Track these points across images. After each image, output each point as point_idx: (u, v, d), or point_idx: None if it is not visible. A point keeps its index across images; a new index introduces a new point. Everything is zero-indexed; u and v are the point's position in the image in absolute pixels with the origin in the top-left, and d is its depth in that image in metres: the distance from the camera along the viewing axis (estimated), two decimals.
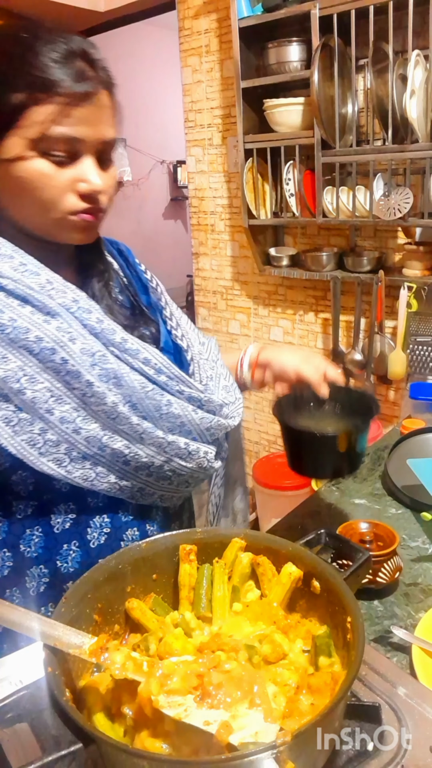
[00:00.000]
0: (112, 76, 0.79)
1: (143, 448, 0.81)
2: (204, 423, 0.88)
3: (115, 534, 0.86)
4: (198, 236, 3.00)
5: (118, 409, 0.78)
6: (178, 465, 0.86)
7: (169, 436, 0.83)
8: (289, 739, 0.44)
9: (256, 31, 2.24)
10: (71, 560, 0.83)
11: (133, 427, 0.80)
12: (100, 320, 0.78)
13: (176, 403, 0.84)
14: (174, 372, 0.85)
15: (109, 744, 0.45)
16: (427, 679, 0.73)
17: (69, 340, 0.75)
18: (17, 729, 0.51)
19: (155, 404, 0.82)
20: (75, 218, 0.77)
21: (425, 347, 2.02)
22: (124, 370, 0.79)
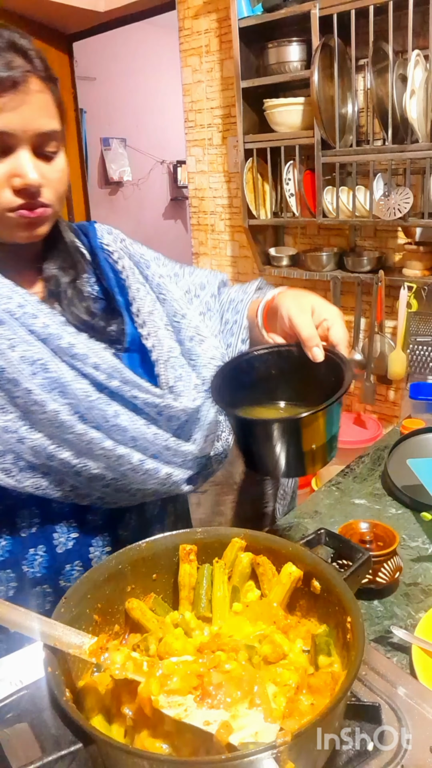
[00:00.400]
0: (47, 66, 0.75)
1: (91, 460, 0.76)
2: (158, 440, 0.80)
3: (82, 539, 0.83)
4: (198, 236, 3.00)
5: (60, 417, 0.73)
6: (133, 481, 0.79)
7: (119, 448, 0.76)
8: (289, 739, 0.44)
9: (256, 31, 2.24)
10: (38, 565, 0.81)
11: (78, 437, 0.74)
12: (45, 325, 0.74)
13: (124, 415, 0.77)
14: (127, 376, 0.78)
15: (109, 744, 0.45)
16: (427, 679, 0.73)
17: (9, 347, 0.72)
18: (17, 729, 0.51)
19: (102, 414, 0.76)
20: (13, 215, 0.73)
21: (425, 347, 2.02)
22: (69, 377, 0.74)
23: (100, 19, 3.23)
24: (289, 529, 1.14)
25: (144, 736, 0.50)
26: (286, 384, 0.82)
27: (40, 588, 0.82)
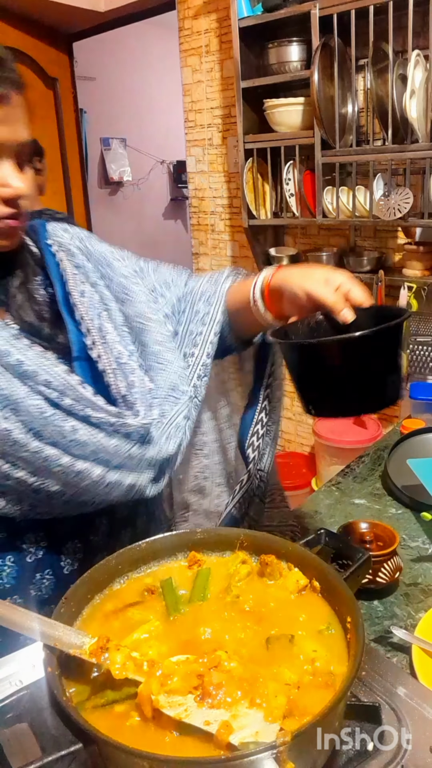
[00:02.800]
0: (21, 76, 0.75)
1: (48, 478, 0.72)
2: (120, 451, 0.76)
3: (51, 548, 0.80)
4: (198, 236, 3.00)
5: (12, 436, 0.70)
6: (96, 495, 0.76)
7: (77, 464, 0.73)
8: (289, 739, 0.44)
9: (256, 31, 2.24)
10: (6, 576, 0.78)
11: (33, 454, 0.71)
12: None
13: (82, 429, 0.73)
14: (80, 393, 0.74)
15: (109, 744, 0.45)
16: (427, 679, 0.73)
17: None
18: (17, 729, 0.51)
19: (58, 431, 0.72)
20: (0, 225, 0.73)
21: (425, 347, 2.02)
22: (21, 394, 0.71)
23: (100, 19, 3.23)
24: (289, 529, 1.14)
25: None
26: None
27: (10, 600, 0.79)
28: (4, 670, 0.63)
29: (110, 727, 0.50)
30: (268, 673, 0.56)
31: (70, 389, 0.74)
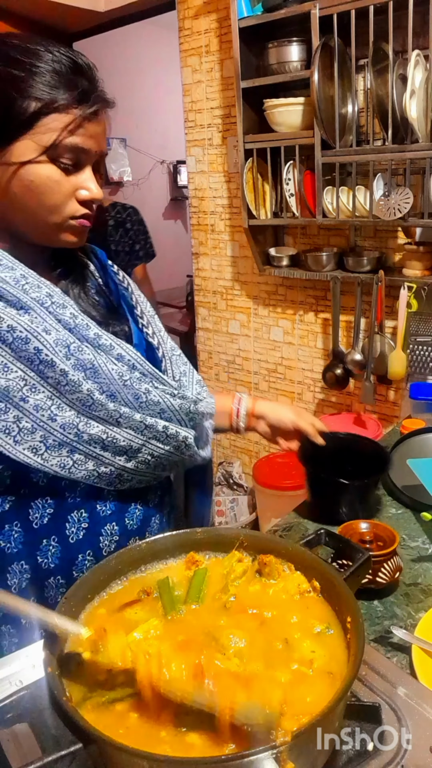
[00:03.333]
0: (103, 90, 0.84)
1: (120, 431, 0.82)
2: (183, 408, 0.89)
3: (93, 529, 0.86)
4: (198, 236, 3.00)
5: (94, 396, 0.79)
6: (155, 447, 0.87)
7: (147, 419, 0.85)
8: (289, 739, 0.44)
9: (256, 31, 2.24)
10: (51, 556, 0.83)
11: (109, 413, 0.81)
12: (74, 315, 0.81)
13: (154, 391, 0.86)
14: (148, 368, 0.87)
15: (109, 744, 0.45)
16: (427, 679, 0.73)
17: (43, 330, 0.76)
18: (17, 729, 0.51)
19: (134, 393, 0.83)
20: (74, 223, 0.82)
21: (425, 347, 2.02)
22: (101, 361, 0.81)
23: (100, 19, 3.22)
24: (289, 530, 1.14)
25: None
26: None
27: (54, 579, 0.84)
28: (4, 670, 0.63)
29: (110, 725, 0.50)
30: (265, 673, 0.56)
31: (140, 364, 0.86)
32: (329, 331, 2.55)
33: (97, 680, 0.55)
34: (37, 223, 0.80)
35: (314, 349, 2.71)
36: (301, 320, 2.72)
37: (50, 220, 0.80)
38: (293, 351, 2.80)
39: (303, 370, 2.79)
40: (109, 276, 0.99)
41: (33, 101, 0.74)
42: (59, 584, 0.84)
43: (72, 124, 0.76)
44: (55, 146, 0.76)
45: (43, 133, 0.75)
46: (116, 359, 0.83)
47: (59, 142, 0.76)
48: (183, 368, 0.97)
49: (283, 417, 1.17)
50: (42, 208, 0.79)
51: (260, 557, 0.68)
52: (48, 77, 0.75)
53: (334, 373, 2.51)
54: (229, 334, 3.04)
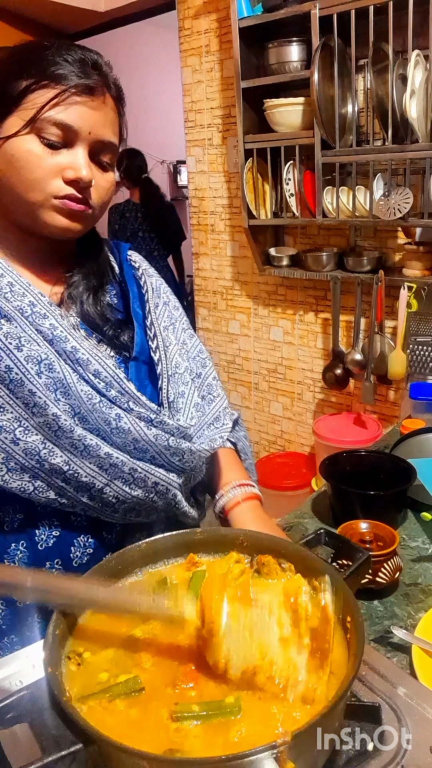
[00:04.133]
0: (121, 92, 0.84)
1: (84, 465, 0.77)
2: (159, 441, 0.82)
3: (65, 538, 0.83)
4: (198, 236, 3.00)
5: (59, 421, 0.75)
6: (119, 489, 0.80)
7: (114, 455, 0.79)
8: (289, 739, 0.44)
9: (256, 31, 2.24)
10: (18, 561, 0.81)
11: (73, 442, 0.76)
12: (53, 326, 0.78)
13: (126, 418, 0.80)
14: (125, 387, 0.81)
15: (109, 744, 0.45)
16: (427, 679, 0.73)
17: (15, 347, 0.74)
18: (17, 729, 0.51)
19: (103, 417, 0.78)
20: (57, 202, 0.78)
21: (425, 347, 2.02)
22: (72, 379, 0.78)
23: (100, 19, 3.23)
24: (289, 529, 1.14)
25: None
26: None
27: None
28: (4, 670, 0.63)
29: (110, 722, 0.50)
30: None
31: (117, 381, 0.81)
32: (329, 331, 2.55)
33: (98, 677, 0.56)
34: (20, 201, 0.78)
35: (314, 349, 2.71)
36: (301, 320, 2.72)
37: (30, 197, 0.77)
38: (293, 351, 2.80)
39: (303, 370, 2.79)
40: (127, 276, 0.95)
41: (24, 80, 0.75)
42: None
43: (56, 98, 0.74)
44: (38, 120, 0.74)
45: (29, 109, 0.74)
46: (93, 375, 0.79)
47: (41, 115, 0.74)
48: (182, 388, 0.91)
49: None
50: (22, 183, 0.76)
51: (258, 557, 0.68)
52: (43, 60, 0.75)
53: (334, 373, 2.51)
54: (229, 334, 3.04)
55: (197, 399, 0.93)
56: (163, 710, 0.52)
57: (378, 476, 1.16)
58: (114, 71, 0.83)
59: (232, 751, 0.46)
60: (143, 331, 0.92)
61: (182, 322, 1.02)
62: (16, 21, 3.20)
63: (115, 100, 0.82)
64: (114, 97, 0.82)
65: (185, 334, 1.01)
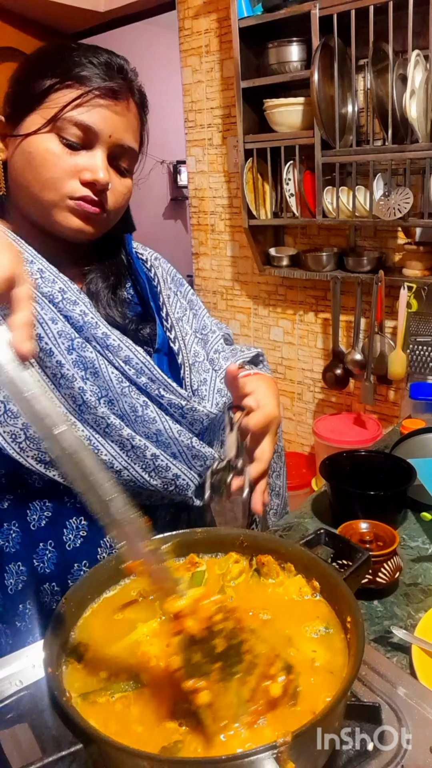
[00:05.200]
0: (144, 99, 0.83)
1: (105, 444, 0.78)
2: (182, 438, 0.82)
3: (91, 538, 0.82)
4: (198, 236, 3.00)
5: (85, 396, 0.75)
6: (138, 475, 0.80)
7: (136, 438, 0.78)
8: (290, 739, 0.44)
9: (256, 31, 2.24)
10: (47, 561, 0.81)
11: (98, 419, 0.76)
12: (84, 313, 0.78)
13: (152, 406, 0.80)
14: (156, 374, 0.82)
15: (109, 744, 0.45)
16: (427, 679, 0.73)
17: (50, 320, 0.75)
18: (17, 729, 0.51)
19: (131, 404, 0.79)
20: (72, 203, 0.77)
21: (425, 347, 2.02)
22: (103, 363, 0.78)
23: (100, 19, 3.22)
24: (289, 529, 1.14)
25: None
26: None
27: (48, 585, 0.82)
28: (4, 671, 0.63)
29: (110, 721, 0.50)
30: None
31: (149, 368, 0.81)
32: (329, 331, 2.55)
33: (99, 676, 0.56)
34: (35, 200, 0.77)
35: (314, 349, 2.71)
36: (301, 320, 2.72)
37: (45, 196, 0.76)
38: (293, 351, 2.80)
39: (303, 370, 2.79)
40: (138, 269, 0.95)
41: (48, 79, 0.75)
42: (54, 591, 0.82)
43: (79, 99, 0.74)
44: (59, 119, 0.74)
45: (51, 108, 0.74)
46: (123, 362, 0.80)
47: (63, 114, 0.74)
48: (204, 376, 0.91)
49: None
50: (38, 182, 0.76)
51: (258, 557, 0.68)
52: (69, 61, 0.75)
53: (334, 373, 2.51)
54: None
55: (219, 384, 0.92)
56: (163, 709, 0.52)
57: (378, 476, 1.16)
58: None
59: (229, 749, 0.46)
60: (161, 323, 0.92)
61: (195, 307, 1.01)
62: (16, 21, 3.20)
63: (138, 106, 0.82)
64: (137, 104, 0.82)
65: (206, 318, 1.01)
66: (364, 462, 1.21)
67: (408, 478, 1.11)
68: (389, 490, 1.10)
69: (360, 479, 1.15)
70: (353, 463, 1.21)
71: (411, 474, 1.12)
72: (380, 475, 1.17)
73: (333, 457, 1.21)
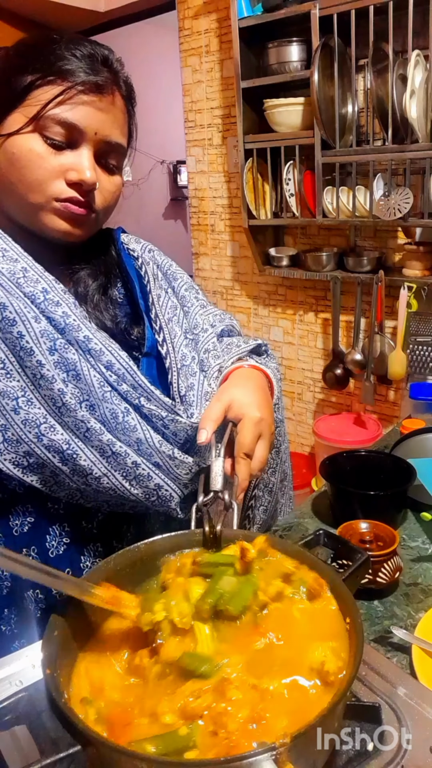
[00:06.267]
0: (132, 91, 0.81)
1: (85, 449, 0.74)
2: (164, 448, 0.78)
3: (75, 546, 0.80)
4: (198, 236, 3.00)
5: (64, 398, 0.72)
6: (118, 483, 0.76)
7: (116, 444, 0.75)
8: (288, 740, 0.44)
9: (256, 31, 2.24)
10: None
11: (76, 422, 0.73)
12: (66, 314, 0.75)
13: (133, 414, 0.77)
14: (138, 381, 0.78)
15: (107, 746, 0.44)
16: (427, 679, 0.73)
17: (33, 318, 0.72)
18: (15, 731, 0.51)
19: (112, 410, 0.75)
20: (58, 205, 0.74)
21: (425, 347, 2.02)
22: (85, 366, 0.75)
23: (100, 19, 3.22)
24: (289, 529, 1.14)
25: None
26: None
27: (32, 592, 0.80)
28: (4, 671, 0.63)
29: (105, 682, 0.51)
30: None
31: (130, 374, 0.77)
32: (329, 331, 2.55)
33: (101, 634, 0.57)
34: (21, 202, 0.74)
35: (314, 349, 2.71)
36: (301, 320, 2.72)
37: (31, 198, 0.73)
38: (293, 351, 2.79)
39: (303, 370, 2.79)
40: (127, 267, 0.91)
41: (30, 75, 0.72)
42: (38, 598, 0.80)
43: (62, 96, 0.71)
44: (41, 117, 0.71)
45: (33, 105, 0.71)
46: (105, 367, 0.76)
47: (45, 113, 0.70)
48: (191, 380, 0.86)
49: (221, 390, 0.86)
50: (22, 183, 0.73)
51: None
52: (51, 54, 0.72)
53: (334, 373, 2.51)
54: None
55: (207, 387, 0.87)
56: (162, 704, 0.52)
57: (378, 476, 1.16)
58: (125, 68, 0.80)
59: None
60: (150, 325, 0.88)
61: (187, 304, 0.96)
62: (16, 21, 3.20)
63: (124, 99, 0.79)
64: (124, 96, 0.79)
65: (198, 316, 0.95)
66: (364, 462, 1.21)
67: (408, 478, 1.11)
68: (389, 490, 1.10)
69: (360, 479, 1.14)
70: (353, 463, 1.20)
71: (411, 474, 1.12)
72: (380, 475, 1.16)
73: (333, 457, 1.20)
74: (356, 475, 1.17)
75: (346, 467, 1.19)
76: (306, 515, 1.20)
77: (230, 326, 1.01)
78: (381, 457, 1.23)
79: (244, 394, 0.81)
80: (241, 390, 0.82)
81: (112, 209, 0.83)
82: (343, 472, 1.16)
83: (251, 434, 0.76)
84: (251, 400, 0.80)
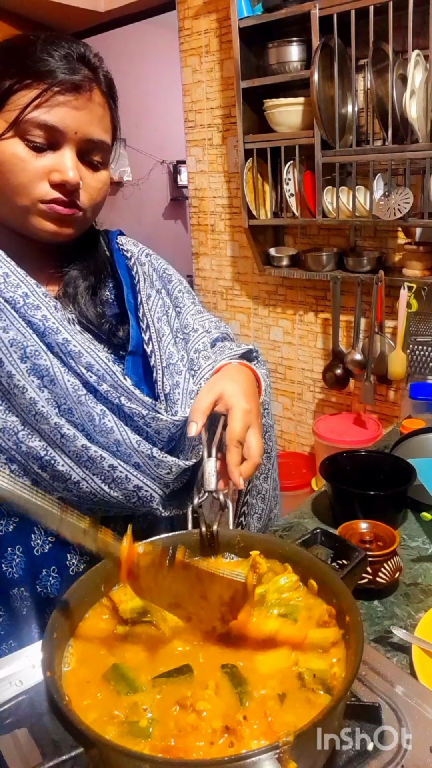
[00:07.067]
0: (112, 86, 0.80)
1: (61, 455, 0.75)
2: (142, 448, 0.79)
3: (60, 544, 0.81)
4: (198, 236, 3.00)
5: (36, 407, 0.73)
6: (97, 487, 0.78)
7: (92, 449, 0.76)
8: (292, 739, 0.44)
9: (256, 31, 2.24)
10: (15, 565, 0.79)
11: (52, 429, 0.74)
12: (45, 318, 0.75)
13: (111, 416, 0.78)
14: (118, 381, 0.78)
15: (110, 748, 0.44)
16: (427, 679, 0.73)
17: (1, 329, 0.73)
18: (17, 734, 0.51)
19: (88, 413, 0.76)
20: (44, 207, 0.75)
21: (425, 347, 2.02)
22: (60, 371, 0.76)
23: (100, 19, 3.22)
24: (289, 530, 1.14)
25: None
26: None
27: (17, 590, 0.80)
28: (4, 671, 0.63)
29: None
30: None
31: (111, 375, 0.78)
32: (329, 331, 2.55)
33: None
34: (8, 205, 0.75)
35: (314, 349, 2.71)
36: (301, 320, 2.72)
37: (18, 202, 0.75)
38: (293, 351, 2.80)
39: (303, 370, 2.79)
40: (119, 267, 0.91)
41: (7, 80, 0.72)
42: (23, 596, 0.80)
43: (39, 98, 0.71)
44: (21, 122, 0.71)
45: (12, 110, 0.72)
46: (85, 368, 0.77)
47: (25, 117, 0.71)
48: (177, 378, 0.86)
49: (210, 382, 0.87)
50: (8, 188, 0.74)
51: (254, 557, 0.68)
52: (27, 57, 0.72)
53: (334, 373, 2.51)
54: None
55: (193, 386, 0.87)
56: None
57: (378, 476, 1.16)
58: (108, 65, 0.79)
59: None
60: (137, 324, 0.88)
61: (180, 305, 0.96)
62: (16, 21, 3.19)
63: (105, 94, 0.78)
64: (104, 92, 0.78)
65: (190, 316, 0.96)
66: (364, 462, 1.21)
67: (408, 478, 1.11)
68: (389, 490, 1.10)
69: (360, 479, 1.14)
70: (353, 463, 1.21)
71: (411, 474, 1.12)
72: (380, 475, 1.16)
73: (333, 457, 1.21)
74: (356, 475, 1.17)
75: (346, 467, 1.19)
76: (306, 515, 1.20)
77: (225, 333, 1.03)
78: (381, 457, 1.23)
79: (232, 386, 0.81)
80: (230, 383, 0.82)
81: (101, 205, 0.83)
82: (343, 472, 1.16)
83: (241, 423, 0.76)
84: (239, 390, 0.81)
